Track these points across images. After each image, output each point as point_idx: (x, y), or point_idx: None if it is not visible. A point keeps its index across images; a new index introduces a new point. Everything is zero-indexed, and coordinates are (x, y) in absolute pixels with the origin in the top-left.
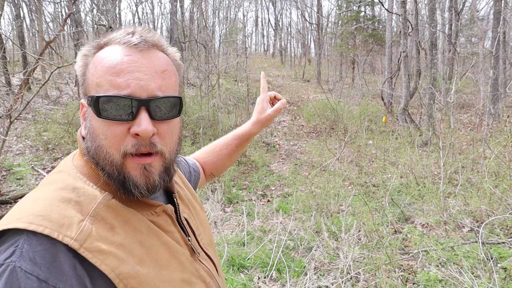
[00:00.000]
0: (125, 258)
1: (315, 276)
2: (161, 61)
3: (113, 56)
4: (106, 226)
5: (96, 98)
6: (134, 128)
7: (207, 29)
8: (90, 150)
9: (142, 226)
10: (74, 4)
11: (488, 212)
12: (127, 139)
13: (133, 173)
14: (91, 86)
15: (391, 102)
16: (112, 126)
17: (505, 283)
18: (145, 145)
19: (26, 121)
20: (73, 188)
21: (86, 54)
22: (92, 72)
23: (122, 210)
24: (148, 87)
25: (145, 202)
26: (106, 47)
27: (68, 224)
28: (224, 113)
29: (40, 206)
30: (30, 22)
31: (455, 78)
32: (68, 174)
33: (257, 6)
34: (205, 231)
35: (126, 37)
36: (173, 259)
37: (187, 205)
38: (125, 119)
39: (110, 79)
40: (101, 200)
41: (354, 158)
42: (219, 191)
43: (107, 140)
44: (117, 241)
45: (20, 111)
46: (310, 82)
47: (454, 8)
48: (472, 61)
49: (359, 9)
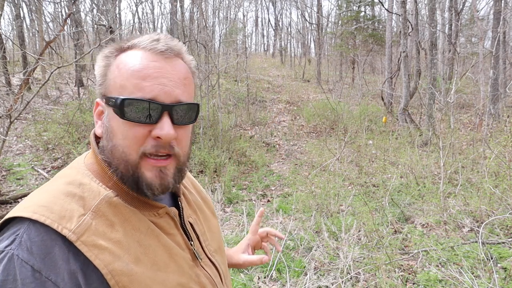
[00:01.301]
0: (121, 255)
1: (315, 276)
2: (183, 69)
3: (139, 60)
4: (106, 222)
5: (122, 100)
6: (157, 131)
7: (207, 29)
8: (105, 149)
9: (142, 226)
10: (74, 4)
11: (488, 212)
12: (147, 140)
13: (148, 174)
14: (114, 88)
15: (391, 102)
16: (134, 128)
17: (505, 283)
18: (164, 147)
19: (26, 121)
20: (79, 184)
21: (108, 56)
22: (116, 74)
23: (123, 208)
24: (172, 93)
25: (149, 203)
26: (130, 51)
27: (69, 216)
28: (224, 113)
29: (45, 198)
30: (30, 22)
31: (455, 78)
32: (78, 170)
33: (257, 6)
34: (214, 238)
35: (152, 44)
36: (171, 261)
37: (195, 210)
38: (148, 122)
39: (136, 83)
40: (104, 197)
41: (354, 158)
42: (219, 191)
43: (126, 140)
44: (114, 238)
45: (20, 111)
46: (310, 82)
47: (454, 8)
48: (472, 61)
49: (359, 9)
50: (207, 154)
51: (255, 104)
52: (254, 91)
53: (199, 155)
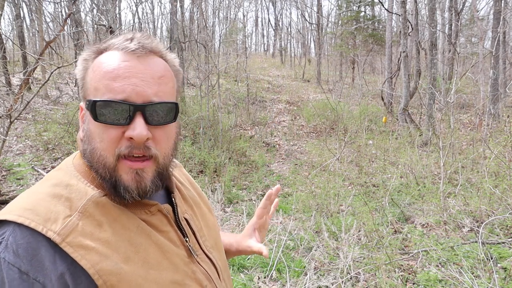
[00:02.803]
0: (109, 255)
1: (315, 276)
2: (158, 67)
3: (110, 61)
4: (93, 222)
5: (93, 102)
6: (129, 132)
7: (207, 29)
8: (85, 152)
9: (131, 224)
10: (74, 4)
11: (488, 212)
12: (122, 142)
13: (124, 177)
14: (89, 90)
15: (391, 102)
16: (107, 130)
17: (505, 283)
18: (139, 147)
19: (26, 121)
20: (66, 185)
21: (86, 59)
22: (91, 77)
23: (111, 207)
24: (144, 92)
25: (139, 201)
26: (106, 53)
27: (54, 218)
28: (224, 113)
29: (31, 201)
30: (30, 22)
31: (455, 78)
32: (65, 172)
33: (257, 6)
34: (211, 234)
35: (124, 43)
36: (164, 259)
37: (192, 205)
38: (121, 123)
39: (107, 84)
40: (91, 197)
41: (354, 158)
42: (219, 191)
43: (102, 143)
44: (103, 238)
45: (20, 111)
46: (310, 82)
47: (454, 8)
48: (472, 61)
49: (359, 9)
50: (207, 154)
51: (255, 104)
52: (254, 91)
53: (199, 155)
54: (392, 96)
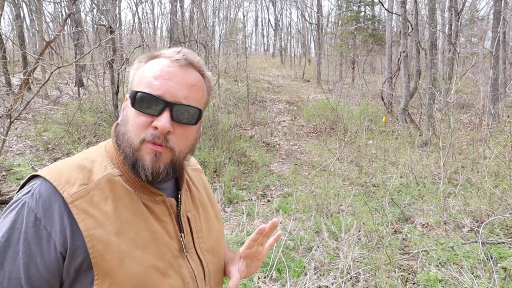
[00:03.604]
0: (104, 225)
1: (315, 276)
2: (194, 77)
3: (158, 65)
4: (102, 195)
5: (135, 92)
6: (155, 122)
7: (207, 29)
8: (119, 134)
9: (132, 206)
10: (74, 4)
11: (488, 212)
12: (148, 129)
13: (145, 157)
14: (135, 83)
15: (391, 102)
16: (139, 116)
17: (505, 283)
18: (160, 137)
19: (26, 121)
20: (92, 161)
21: (140, 61)
22: (140, 74)
23: (120, 187)
24: (176, 94)
25: (148, 188)
26: (156, 59)
27: (72, 183)
28: (224, 113)
29: (62, 166)
30: (30, 22)
31: (455, 78)
32: (97, 150)
33: (257, 6)
34: (210, 238)
35: (172, 53)
36: (152, 244)
37: (197, 207)
38: (151, 113)
39: (149, 80)
40: (106, 174)
41: (354, 158)
42: (219, 191)
43: (133, 126)
44: (104, 209)
45: (20, 111)
46: (310, 82)
47: (454, 8)
48: (472, 61)
49: (359, 9)
50: (207, 154)
51: (255, 104)
52: (254, 91)
53: (199, 155)
54: (392, 96)
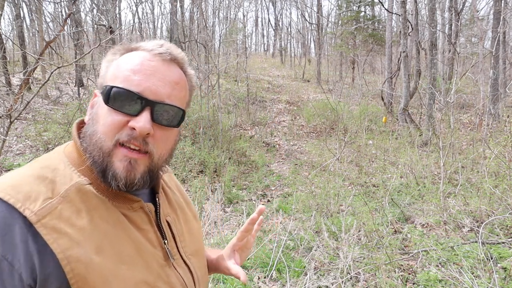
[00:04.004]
0: (81, 243)
1: (315, 276)
2: (177, 74)
3: (137, 58)
4: (72, 208)
5: (110, 87)
6: (133, 123)
7: (207, 29)
8: (85, 135)
9: (110, 217)
10: (74, 4)
11: (488, 212)
12: (123, 129)
13: (117, 164)
14: (109, 78)
15: (391, 102)
16: (114, 115)
17: (505, 283)
18: (138, 139)
19: (26, 121)
20: (54, 169)
21: (114, 53)
22: (114, 67)
23: (93, 196)
24: (158, 92)
25: (123, 195)
26: (135, 51)
27: (34, 198)
28: (224, 113)
29: (16, 179)
30: (30, 22)
31: (455, 78)
32: (55, 157)
33: (257, 6)
34: (193, 241)
35: (154, 46)
36: (138, 257)
37: (175, 209)
38: (129, 112)
39: (127, 75)
40: (75, 183)
41: (354, 158)
42: (219, 191)
43: (104, 126)
44: (78, 225)
45: (20, 111)
46: (310, 82)
47: (454, 8)
48: (472, 61)
49: (359, 9)
50: (207, 154)
51: (255, 104)
52: (254, 91)
53: (199, 155)
54: (392, 96)
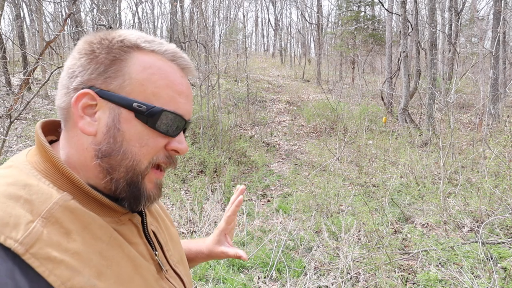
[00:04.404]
0: (80, 269)
1: (315, 276)
2: (190, 87)
3: (173, 73)
4: (60, 230)
5: (160, 111)
6: (175, 144)
7: (207, 29)
8: (107, 153)
9: (103, 234)
10: (74, 4)
11: (488, 212)
12: (161, 151)
13: (149, 185)
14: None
15: (391, 102)
16: (156, 137)
17: (505, 283)
18: (175, 160)
19: (26, 121)
20: (25, 185)
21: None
22: (143, 77)
23: (82, 213)
24: (190, 111)
25: (111, 206)
26: (154, 55)
27: (14, 224)
28: (224, 113)
29: None
30: (30, 22)
31: (455, 78)
32: (20, 169)
33: (257, 6)
34: (175, 247)
35: (178, 55)
36: (136, 274)
37: (156, 217)
38: (173, 135)
39: (173, 96)
40: (58, 200)
41: (354, 158)
42: (219, 191)
43: (144, 148)
44: (72, 249)
45: (20, 111)
46: (310, 82)
47: (454, 8)
48: (472, 61)
49: (359, 9)
50: (207, 154)
51: (255, 104)
52: (254, 91)
53: (199, 155)
54: (392, 96)
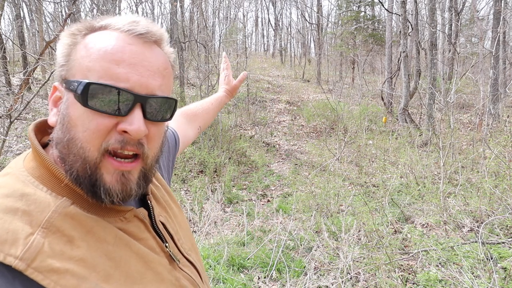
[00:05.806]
0: (87, 275)
1: (315, 276)
2: (163, 58)
3: (112, 41)
4: (62, 238)
5: (87, 84)
6: (124, 125)
7: (207, 29)
8: (59, 142)
9: (108, 236)
10: (74, 4)
11: (488, 212)
12: (111, 134)
13: (107, 178)
14: (78, 70)
15: (391, 102)
16: (97, 118)
17: (505, 283)
18: (132, 144)
19: (26, 121)
20: (21, 195)
21: (74, 33)
22: (82, 54)
23: (83, 218)
24: (149, 84)
25: (113, 207)
26: (103, 31)
27: (12, 240)
28: (224, 113)
29: None
30: (30, 22)
31: (455, 78)
32: (17, 177)
33: (257, 6)
34: (186, 235)
35: (130, 25)
36: (147, 270)
37: (164, 207)
38: (116, 113)
39: (107, 67)
40: (56, 208)
41: (354, 158)
42: (219, 191)
43: (86, 132)
44: (76, 256)
45: (20, 111)
46: (310, 82)
47: (454, 8)
48: (472, 61)
49: (359, 9)
50: (207, 154)
51: (255, 104)
52: (254, 91)
53: (199, 155)
54: (392, 96)
